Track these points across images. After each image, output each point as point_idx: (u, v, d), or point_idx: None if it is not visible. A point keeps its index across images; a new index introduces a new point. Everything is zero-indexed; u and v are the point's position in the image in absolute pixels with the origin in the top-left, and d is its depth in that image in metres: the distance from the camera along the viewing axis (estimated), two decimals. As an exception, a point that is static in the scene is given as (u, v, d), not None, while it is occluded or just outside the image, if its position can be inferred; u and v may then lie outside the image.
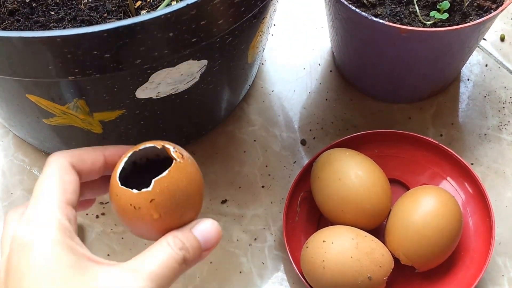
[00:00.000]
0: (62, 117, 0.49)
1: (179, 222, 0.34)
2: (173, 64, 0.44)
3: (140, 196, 0.33)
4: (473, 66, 0.66)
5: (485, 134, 0.62)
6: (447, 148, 0.57)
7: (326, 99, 0.64)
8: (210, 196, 0.59)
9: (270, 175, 0.60)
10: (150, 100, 0.48)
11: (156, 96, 0.48)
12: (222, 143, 0.62)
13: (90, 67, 0.40)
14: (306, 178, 0.56)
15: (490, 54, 0.67)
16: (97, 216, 0.58)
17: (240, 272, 0.56)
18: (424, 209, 0.51)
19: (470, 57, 0.64)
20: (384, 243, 0.52)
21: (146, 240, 0.36)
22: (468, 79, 0.65)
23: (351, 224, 0.52)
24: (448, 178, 0.57)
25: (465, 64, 0.65)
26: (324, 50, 0.68)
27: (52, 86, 0.45)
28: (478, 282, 0.51)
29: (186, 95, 0.50)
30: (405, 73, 0.59)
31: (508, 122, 0.62)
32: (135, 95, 0.46)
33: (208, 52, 0.46)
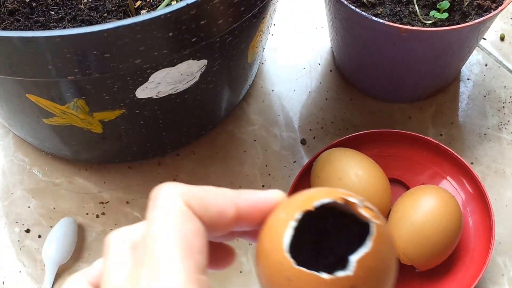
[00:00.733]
0: (62, 117, 0.49)
1: None
2: (173, 64, 0.44)
3: (334, 284, 0.23)
4: (473, 65, 0.66)
5: (485, 134, 0.62)
6: (447, 148, 0.57)
7: (326, 99, 0.64)
8: (210, 196, 0.59)
9: (270, 174, 0.60)
10: (150, 99, 0.48)
11: (156, 96, 0.48)
12: (222, 143, 0.62)
13: (90, 67, 0.40)
14: (306, 177, 0.56)
15: (490, 54, 0.67)
16: (97, 216, 0.58)
17: (240, 272, 0.56)
18: (424, 208, 0.51)
19: (470, 56, 0.64)
20: (384, 242, 0.52)
21: None
22: (468, 79, 0.65)
23: (351, 224, 0.52)
24: (448, 178, 0.57)
25: (465, 64, 0.65)
26: (324, 49, 0.68)
27: (52, 86, 0.45)
28: (478, 281, 0.51)
29: (186, 95, 0.50)
30: (405, 72, 0.59)
31: (508, 121, 0.62)
32: (135, 94, 0.46)
33: (208, 51, 0.46)
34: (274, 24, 0.69)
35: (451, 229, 0.51)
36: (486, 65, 0.66)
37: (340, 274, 0.23)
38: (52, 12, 0.50)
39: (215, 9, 0.40)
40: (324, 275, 0.23)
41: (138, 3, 0.52)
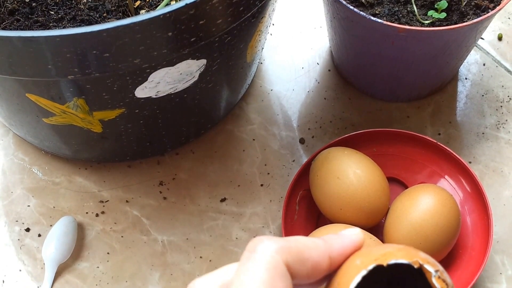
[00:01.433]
0: (62, 116, 0.49)
1: None
2: (172, 64, 0.44)
3: None
4: (471, 65, 0.66)
5: (483, 133, 0.62)
6: (445, 147, 0.57)
7: (325, 98, 0.65)
8: (209, 195, 0.59)
9: (269, 173, 0.60)
10: (149, 99, 0.48)
11: (156, 95, 0.48)
12: (221, 142, 0.62)
13: (89, 66, 0.40)
14: (305, 176, 0.56)
15: (488, 53, 0.67)
16: (97, 215, 0.58)
17: None
18: (422, 207, 0.51)
19: (468, 56, 0.64)
20: (382, 241, 0.52)
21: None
22: (466, 78, 0.65)
23: (350, 222, 0.52)
24: (446, 177, 0.57)
25: (463, 63, 0.65)
26: (322, 49, 0.68)
27: (51, 85, 0.45)
28: (476, 280, 0.51)
29: (185, 94, 0.50)
30: (403, 72, 0.59)
31: (506, 120, 0.63)
32: (134, 94, 0.46)
33: (207, 51, 0.46)
34: (273, 24, 0.69)
35: (449, 227, 0.51)
36: (484, 64, 0.66)
37: None
38: (52, 12, 0.51)
39: (214, 9, 0.40)
40: None
41: (138, 3, 0.52)
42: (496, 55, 0.67)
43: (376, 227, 0.54)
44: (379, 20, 0.51)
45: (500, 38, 0.68)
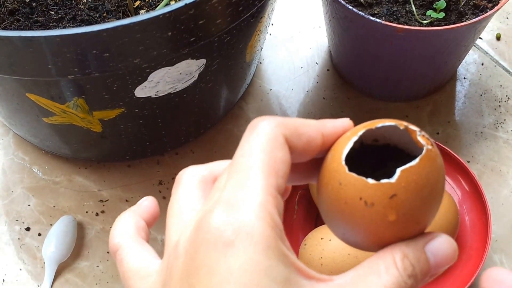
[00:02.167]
0: (61, 116, 0.49)
1: (411, 231, 0.26)
2: (171, 63, 0.44)
3: (378, 189, 0.25)
4: (469, 64, 0.66)
5: (481, 132, 0.62)
6: (443, 146, 0.57)
7: (324, 98, 0.65)
8: (208, 194, 0.59)
9: (268, 173, 0.60)
10: (149, 99, 0.48)
11: (155, 95, 0.48)
12: (221, 141, 0.62)
13: (89, 66, 0.40)
14: (304, 176, 0.56)
15: (486, 53, 0.67)
16: (96, 214, 0.58)
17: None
18: (421, 206, 0.51)
19: (466, 56, 0.64)
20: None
21: (355, 247, 0.28)
22: (464, 78, 0.66)
23: (349, 222, 0.53)
24: (445, 176, 0.58)
25: (461, 63, 0.65)
26: (321, 49, 0.68)
27: (51, 85, 0.45)
28: (475, 279, 0.52)
29: (185, 94, 0.50)
30: (402, 72, 0.59)
31: (504, 120, 0.63)
32: (134, 94, 0.47)
33: (207, 51, 0.47)
34: (272, 24, 0.70)
35: (447, 226, 0.51)
36: (483, 64, 0.66)
37: (384, 181, 0.25)
38: (52, 12, 0.51)
39: (213, 9, 0.40)
40: (370, 180, 0.25)
41: (137, 3, 0.52)
42: (494, 55, 0.67)
43: (375, 226, 0.54)
44: (378, 20, 0.52)
45: (498, 38, 0.68)
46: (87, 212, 0.59)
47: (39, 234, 0.57)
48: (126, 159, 0.61)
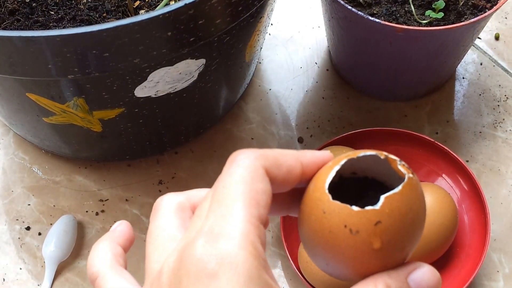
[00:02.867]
0: (62, 115, 0.49)
1: (394, 259, 0.26)
2: (171, 63, 0.45)
3: (362, 216, 0.25)
4: (468, 64, 0.67)
5: (480, 132, 0.62)
6: (442, 146, 0.57)
7: (323, 98, 0.65)
8: (208, 194, 0.59)
9: (267, 172, 0.61)
10: (149, 98, 0.48)
11: (155, 95, 0.48)
12: (220, 141, 0.63)
13: (89, 66, 0.40)
14: (303, 175, 0.56)
15: (485, 53, 0.67)
16: (96, 214, 0.58)
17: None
18: (420, 205, 0.51)
19: (465, 55, 0.64)
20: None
21: (337, 278, 0.28)
22: (463, 78, 0.66)
23: (348, 221, 0.53)
24: (444, 175, 0.58)
25: (460, 63, 0.66)
26: (320, 49, 0.68)
27: (52, 85, 0.45)
28: (474, 277, 0.52)
29: (184, 94, 0.50)
30: (401, 71, 0.60)
31: (503, 119, 0.63)
32: (134, 93, 0.47)
33: (206, 51, 0.47)
34: (272, 24, 0.70)
35: (446, 226, 0.51)
36: (481, 64, 0.66)
37: (368, 208, 0.25)
38: (52, 12, 0.51)
39: (213, 9, 0.40)
40: (354, 208, 0.25)
41: (137, 3, 0.52)
42: (493, 55, 0.67)
43: (374, 225, 0.54)
44: (377, 20, 0.52)
45: (497, 38, 0.68)
46: (87, 211, 0.59)
47: (39, 234, 0.58)
48: (126, 159, 0.61)
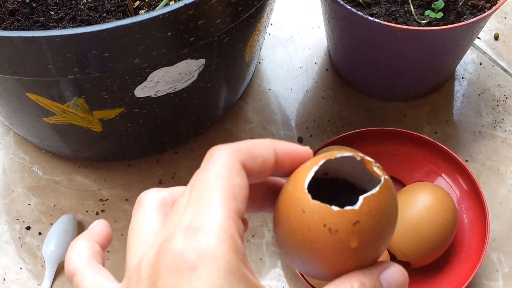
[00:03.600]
0: (62, 115, 0.49)
1: (368, 258, 0.27)
2: (171, 63, 0.45)
3: (342, 216, 0.25)
4: (467, 64, 0.67)
5: (479, 132, 0.62)
6: (442, 145, 0.57)
7: (323, 97, 0.65)
8: (208, 193, 0.60)
9: (267, 172, 0.61)
10: (149, 98, 0.48)
11: (155, 95, 0.48)
12: (220, 141, 0.63)
13: (89, 66, 0.40)
14: (303, 175, 0.56)
15: (484, 53, 0.67)
16: (97, 213, 0.59)
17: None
18: (420, 205, 0.51)
19: (465, 55, 0.64)
20: (379, 239, 0.53)
21: (312, 276, 0.29)
22: (462, 77, 0.66)
23: (347, 221, 0.53)
24: (443, 175, 0.58)
25: (459, 63, 0.66)
26: (320, 49, 0.68)
27: (52, 85, 0.45)
28: (473, 277, 0.52)
29: (184, 94, 0.50)
30: (400, 71, 0.60)
31: (502, 119, 0.63)
32: (134, 93, 0.47)
33: (206, 51, 0.47)
34: (271, 24, 0.70)
35: (446, 225, 0.52)
36: (481, 64, 0.67)
37: (347, 208, 0.25)
38: (52, 12, 0.51)
39: (212, 9, 0.41)
40: (334, 207, 0.25)
41: (137, 3, 0.52)
42: (492, 55, 0.67)
43: (373, 225, 0.54)
44: (377, 20, 0.52)
45: (496, 38, 0.68)
46: (87, 211, 0.59)
47: (40, 233, 0.58)
48: (126, 159, 0.61)
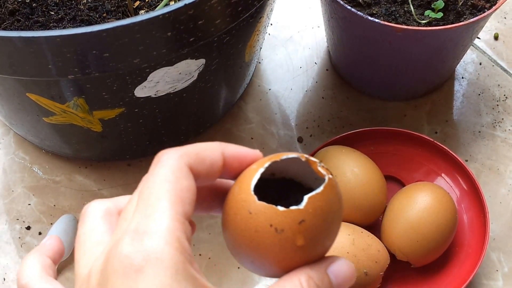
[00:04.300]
0: (62, 115, 0.49)
1: (315, 254, 0.28)
2: (171, 63, 0.45)
3: (287, 216, 0.26)
4: (467, 64, 0.67)
5: (479, 132, 0.62)
6: (441, 145, 0.57)
7: (323, 97, 0.65)
8: (208, 193, 0.60)
9: (267, 172, 0.61)
10: (149, 98, 0.48)
11: (155, 95, 0.48)
12: (220, 141, 0.62)
13: (89, 66, 0.40)
14: (302, 175, 0.56)
15: (484, 53, 0.67)
16: (96, 213, 0.59)
17: (238, 268, 0.56)
18: (420, 205, 0.52)
19: (465, 55, 0.64)
20: (380, 239, 0.53)
21: (262, 275, 0.29)
22: (462, 77, 0.66)
23: (347, 220, 0.53)
24: (443, 175, 0.58)
25: (459, 63, 0.66)
26: (320, 49, 0.68)
27: (52, 85, 0.45)
28: (473, 277, 0.52)
29: (184, 94, 0.50)
30: (400, 71, 0.60)
31: (502, 119, 0.63)
32: (134, 93, 0.47)
33: (206, 51, 0.47)
34: (271, 24, 0.70)
35: (446, 225, 0.52)
36: (480, 64, 0.67)
37: (293, 207, 0.26)
38: (52, 12, 0.51)
39: (212, 9, 0.41)
40: (280, 208, 0.26)
41: (137, 3, 0.53)
42: (492, 55, 0.67)
43: (373, 225, 0.54)
44: (376, 20, 0.52)
45: (496, 38, 0.68)
46: (87, 211, 0.59)
47: (40, 233, 0.58)
48: (126, 158, 0.61)
